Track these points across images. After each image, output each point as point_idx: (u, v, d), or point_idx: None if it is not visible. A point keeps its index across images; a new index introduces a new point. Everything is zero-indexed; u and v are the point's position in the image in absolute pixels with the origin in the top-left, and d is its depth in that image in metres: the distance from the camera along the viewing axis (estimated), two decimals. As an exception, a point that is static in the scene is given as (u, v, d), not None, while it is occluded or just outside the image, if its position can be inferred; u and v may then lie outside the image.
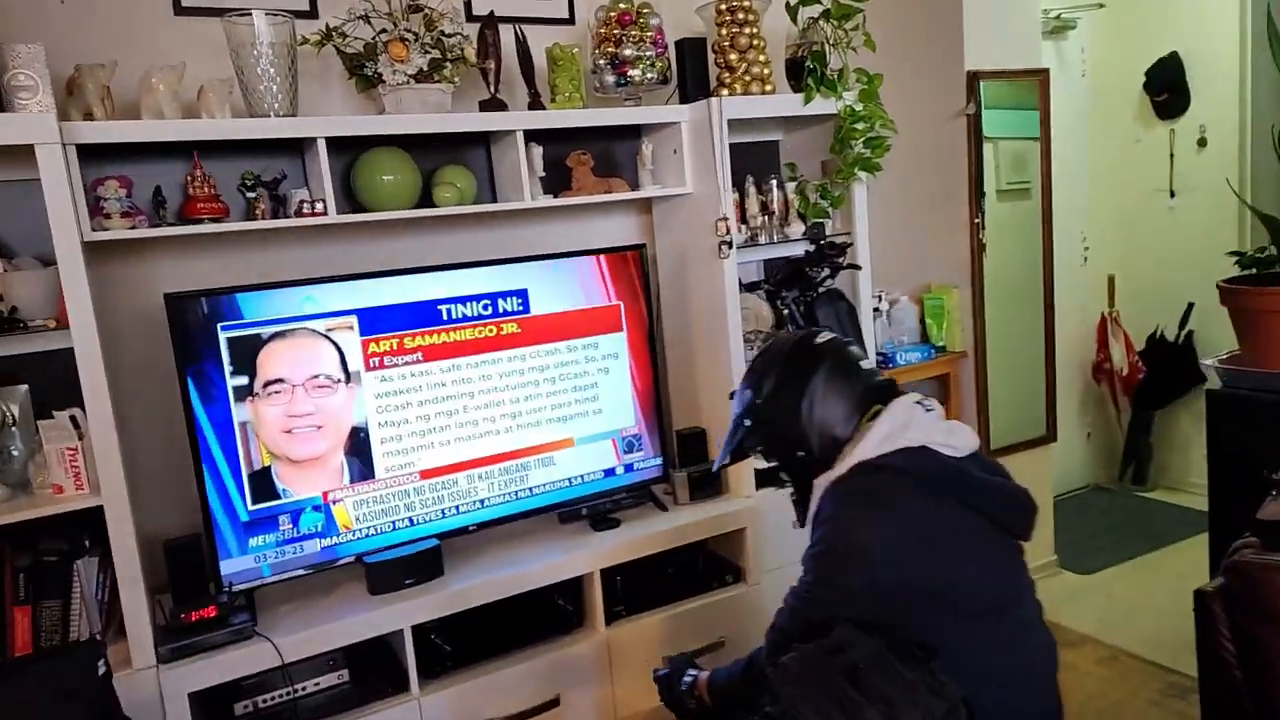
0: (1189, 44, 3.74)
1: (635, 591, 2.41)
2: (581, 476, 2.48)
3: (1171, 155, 3.88)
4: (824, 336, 1.53)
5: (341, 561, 2.18)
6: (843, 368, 1.48)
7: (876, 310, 2.89)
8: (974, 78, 2.90)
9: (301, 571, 2.13)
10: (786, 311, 2.40)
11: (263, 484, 2.07)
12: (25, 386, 1.95)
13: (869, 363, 1.52)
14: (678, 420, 2.74)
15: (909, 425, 1.41)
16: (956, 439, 1.42)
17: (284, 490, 2.10)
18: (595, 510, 2.47)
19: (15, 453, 1.91)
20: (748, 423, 1.54)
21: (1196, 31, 3.72)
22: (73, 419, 1.86)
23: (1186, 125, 3.81)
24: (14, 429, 1.92)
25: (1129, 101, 4.00)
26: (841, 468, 1.42)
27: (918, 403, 1.45)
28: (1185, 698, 2.42)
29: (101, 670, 1.53)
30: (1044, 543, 3.35)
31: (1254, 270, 2.08)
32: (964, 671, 1.26)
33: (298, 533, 2.12)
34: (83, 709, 1.48)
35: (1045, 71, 3.05)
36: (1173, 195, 3.90)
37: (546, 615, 2.33)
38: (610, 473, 2.52)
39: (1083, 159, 4.06)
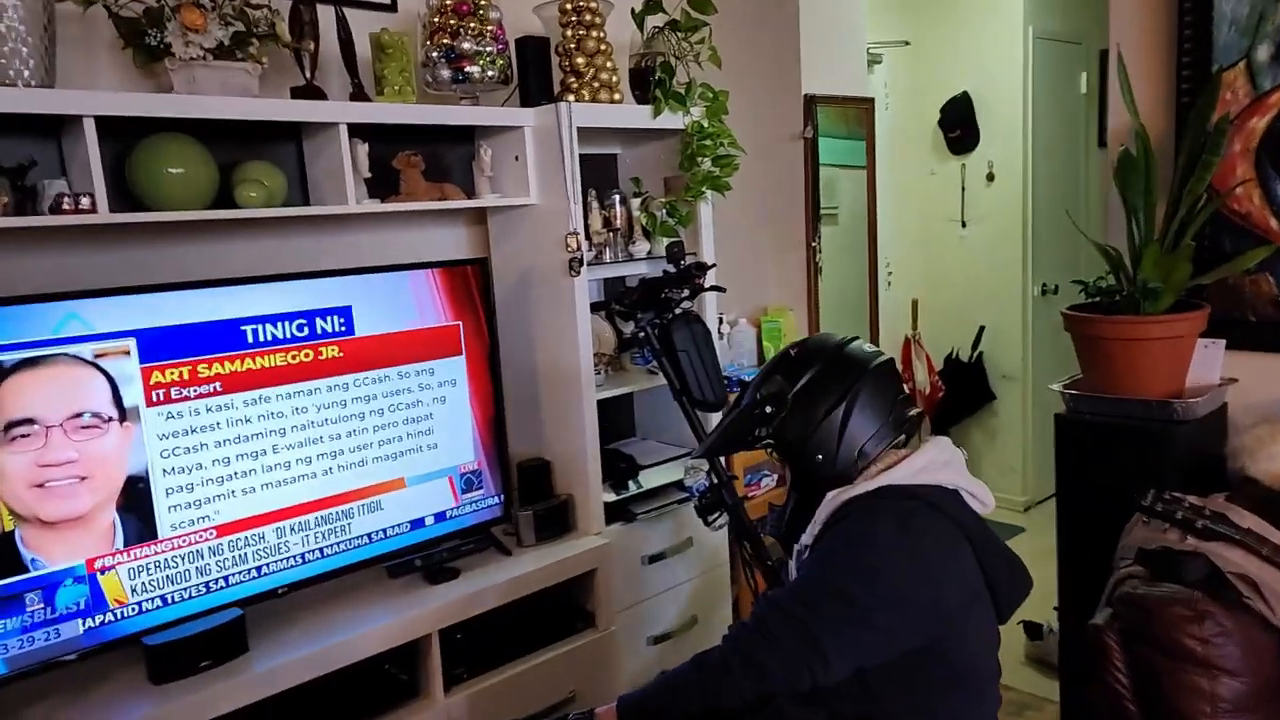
0: (979, 84, 4.06)
1: (476, 649, 2.15)
2: (414, 522, 2.18)
3: (963, 188, 4.19)
4: (870, 348, 1.45)
5: (112, 643, 1.74)
6: (887, 386, 1.40)
7: (719, 334, 2.83)
8: (810, 101, 2.93)
9: (55, 660, 1.68)
10: (642, 334, 2.25)
11: (3, 554, 1.61)
12: None
13: (904, 390, 1.45)
14: (518, 453, 2.51)
15: (949, 465, 1.36)
16: (986, 496, 1.39)
17: (33, 560, 1.65)
18: (430, 560, 2.18)
19: None
20: (769, 409, 1.40)
21: (985, 73, 4.04)
22: None
23: (976, 160, 4.14)
24: None
25: (925, 135, 4.28)
26: (865, 486, 1.33)
27: (957, 449, 1.41)
28: (1022, 714, 2.52)
29: None
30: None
31: (1098, 299, 2.20)
32: None
33: (52, 613, 1.67)
34: None
35: (871, 101, 3.15)
36: (964, 225, 4.22)
37: (374, 687, 2.01)
38: (445, 516, 2.24)
39: (885, 187, 4.29)
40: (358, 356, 2.05)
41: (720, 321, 2.86)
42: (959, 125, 4.12)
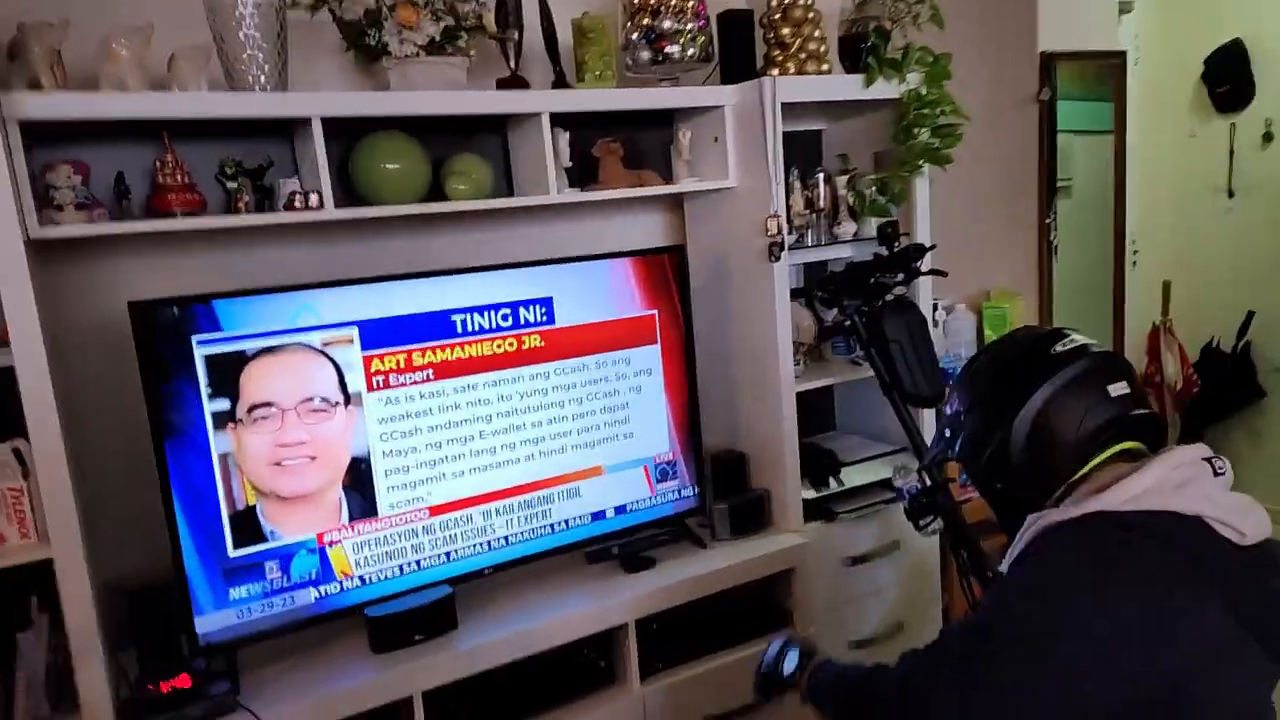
0: (1255, 29, 3.46)
1: (672, 641, 2.12)
2: (611, 510, 2.17)
3: (1231, 151, 3.60)
4: (1072, 341, 1.18)
5: (338, 613, 1.87)
6: (1084, 384, 1.13)
7: (934, 321, 2.60)
8: (1048, 59, 2.61)
9: (291, 627, 1.82)
10: (848, 323, 2.10)
11: (247, 525, 1.76)
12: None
13: (1123, 387, 1.15)
14: (712, 445, 2.44)
15: (1186, 486, 1.06)
16: (1247, 520, 1.05)
17: (272, 532, 1.79)
18: (627, 549, 2.17)
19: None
20: (948, 433, 1.24)
21: (1262, 16, 3.44)
22: (16, 453, 1.55)
23: (1250, 119, 3.54)
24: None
25: (1184, 92, 3.72)
26: (1071, 511, 1.08)
27: (1206, 459, 1.09)
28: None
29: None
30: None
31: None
32: None
33: (288, 581, 1.81)
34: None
35: (1121, 55, 2.76)
36: (1231, 195, 3.64)
37: (574, 671, 2.03)
38: (642, 505, 2.22)
39: (1131, 155, 3.79)
40: (558, 346, 2.06)
41: (935, 308, 2.63)
42: (1228, 79, 3.54)
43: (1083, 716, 0.99)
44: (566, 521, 2.12)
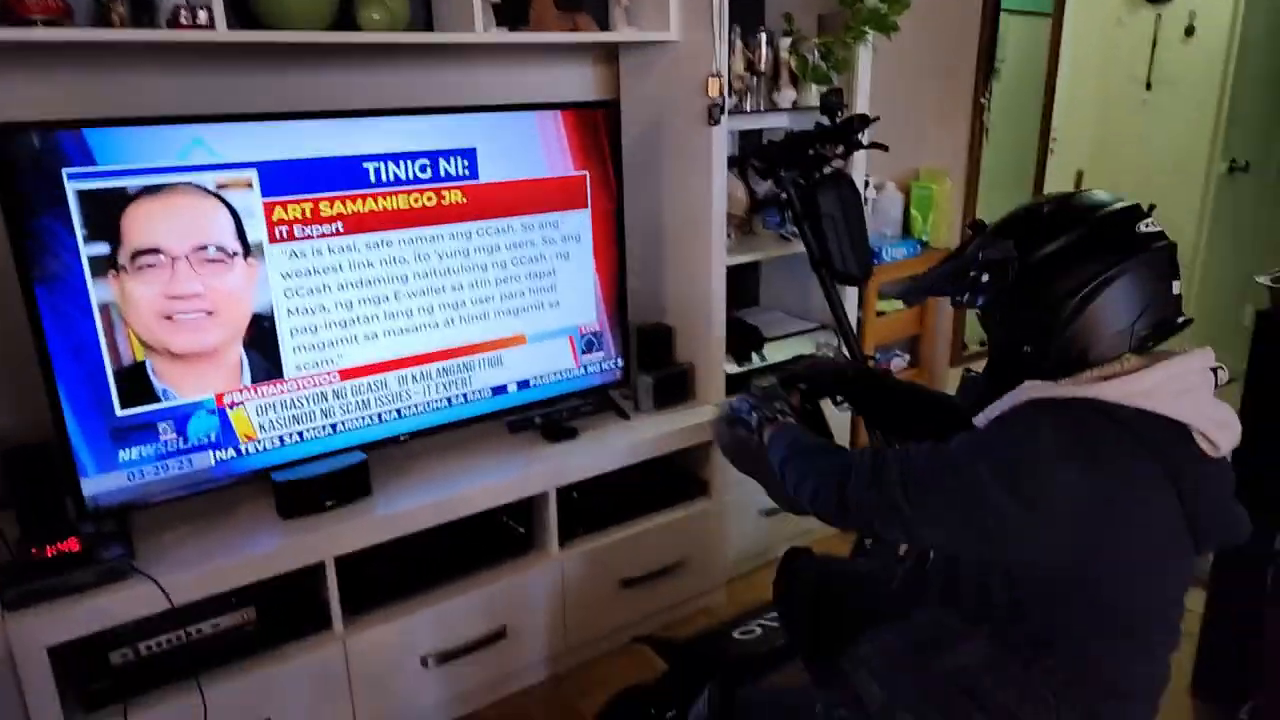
0: (1192, -84, 3.42)
1: (591, 508, 2.12)
2: (534, 379, 2.11)
3: (1154, 42, 3.63)
4: (1153, 224, 1.09)
5: (242, 479, 1.77)
6: (1157, 275, 1.06)
7: (864, 199, 2.57)
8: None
9: (190, 491, 1.71)
10: (784, 195, 2.04)
11: (135, 383, 1.62)
12: None
13: (1179, 287, 1.10)
14: (637, 317, 2.38)
15: (1184, 395, 1.05)
16: (1224, 435, 1.07)
17: (165, 391, 1.65)
18: (549, 419, 2.12)
19: None
20: (985, 279, 1.12)
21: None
22: None
23: (1175, 10, 3.55)
24: None
25: (1116, -21, 3.69)
26: (1073, 390, 1.06)
27: (1213, 369, 1.09)
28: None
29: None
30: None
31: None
32: (1088, 683, 1.02)
33: (184, 443, 1.69)
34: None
35: (1071, -70, 2.68)
36: (1149, 87, 3.68)
37: (493, 537, 2.01)
38: (566, 375, 2.16)
39: (1066, 40, 3.76)
40: (481, 203, 1.93)
41: (866, 185, 2.59)
42: (1159, -34, 3.53)
43: (1026, 569, 1.03)
44: (488, 390, 2.05)
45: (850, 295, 2.44)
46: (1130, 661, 1.07)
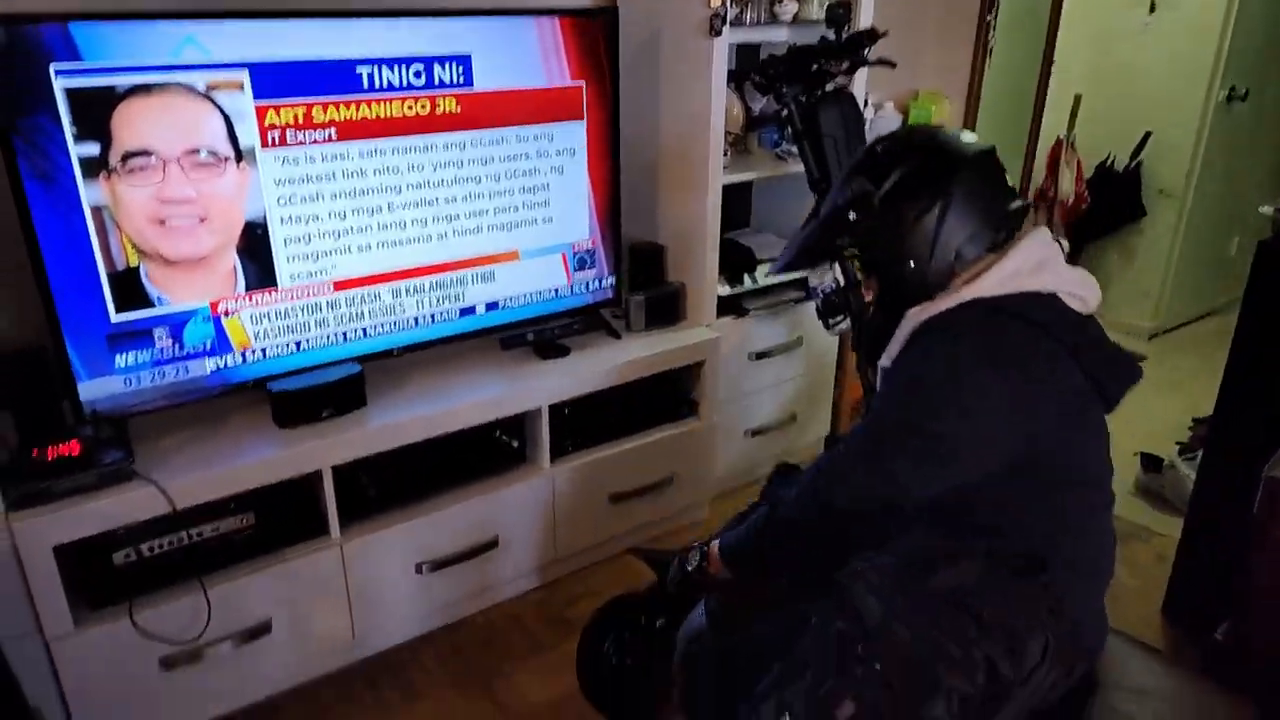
0: None
1: (581, 425, 2.15)
2: (527, 296, 2.11)
3: (1160, -37, 3.54)
4: (970, 138, 1.25)
5: (238, 387, 1.78)
6: (989, 183, 1.21)
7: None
8: None
9: (187, 398, 1.72)
10: (784, 112, 2.01)
11: (130, 288, 1.61)
12: None
13: (1007, 183, 1.25)
14: (630, 236, 2.37)
15: (1043, 267, 1.18)
16: (1087, 291, 1.21)
17: (159, 298, 1.64)
18: (542, 336, 2.13)
19: None
20: (853, 216, 1.23)
21: None
22: None
23: (1185, -69, 3.46)
24: None
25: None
26: (948, 302, 1.18)
27: (1055, 239, 1.23)
28: (1126, 543, 2.45)
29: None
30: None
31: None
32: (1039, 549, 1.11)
33: (180, 350, 1.69)
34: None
35: None
36: (1152, 9, 3.61)
37: (485, 451, 2.04)
38: (558, 293, 2.16)
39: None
40: (476, 112, 1.89)
41: (865, 105, 2.56)
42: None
43: (994, 463, 1.12)
44: (481, 306, 2.05)
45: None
46: (1073, 533, 1.16)
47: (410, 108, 1.81)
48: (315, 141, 1.71)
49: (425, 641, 2.01)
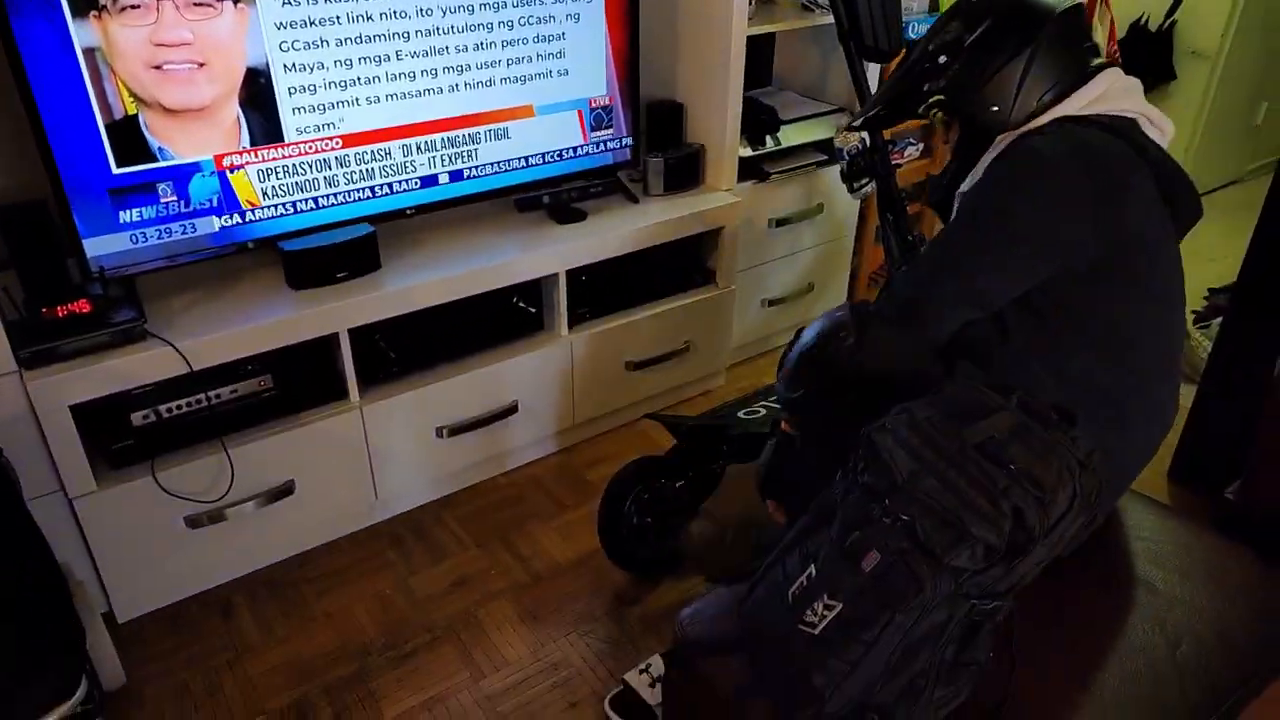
0: None
1: (598, 292, 2.11)
2: (542, 156, 2.02)
3: None
4: None
5: (247, 245, 1.72)
6: (1074, 38, 1.27)
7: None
8: None
9: (195, 256, 1.67)
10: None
11: (129, 139, 1.52)
12: None
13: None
14: (647, 94, 2.25)
15: (1127, 93, 1.27)
16: (1165, 124, 1.30)
17: (161, 150, 1.56)
18: (558, 199, 2.06)
19: None
20: (943, 59, 1.30)
21: None
22: None
23: None
24: None
25: None
26: (1038, 121, 1.26)
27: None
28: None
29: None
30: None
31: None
32: (1114, 345, 1.23)
33: (186, 207, 1.63)
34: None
35: None
36: None
37: (503, 316, 2.01)
38: (576, 153, 2.07)
39: None
40: (487, -49, 1.76)
41: (899, -49, 2.39)
42: None
43: (1065, 259, 1.20)
44: (495, 165, 1.96)
45: (872, 74, 2.32)
46: (1147, 332, 1.26)
47: (417, -57, 1.67)
48: (317, -20, 1.59)
49: (447, 504, 2.03)
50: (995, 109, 1.27)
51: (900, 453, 0.97)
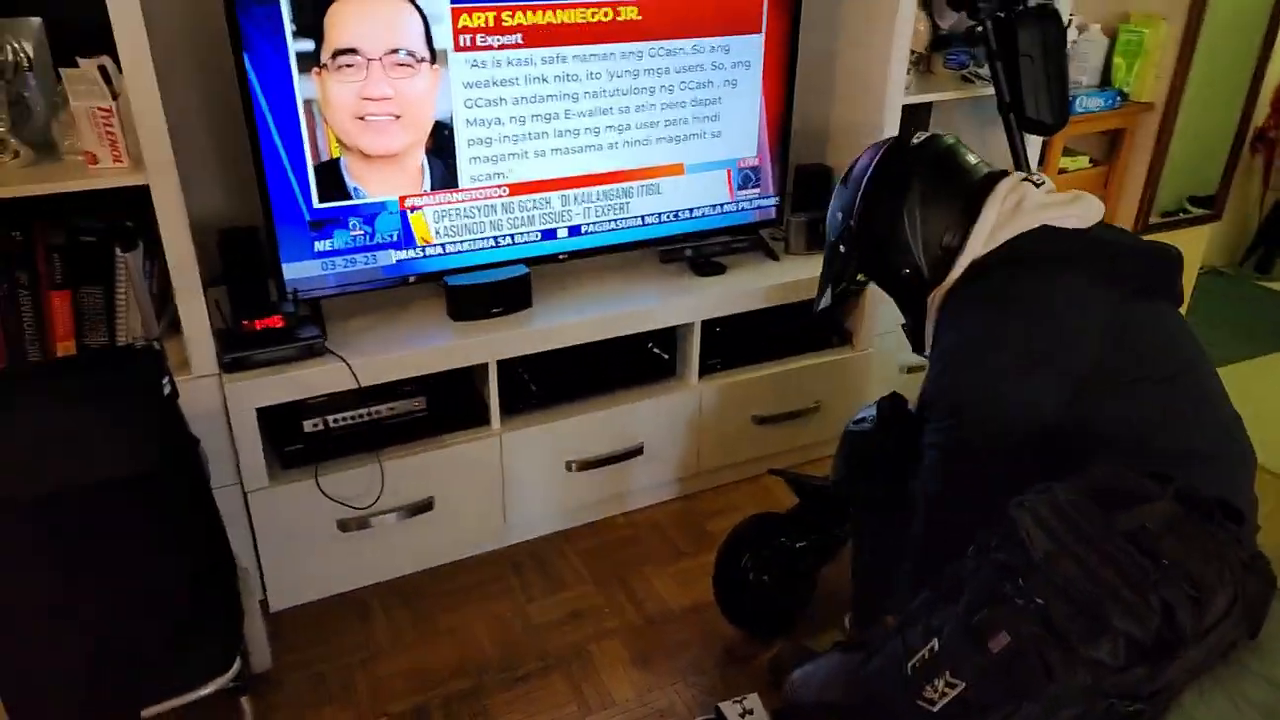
0: None
1: (732, 344, 2.16)
2: (689, 211, 2.12)
3: None
4: (919, 137, 1.36)
5: (418, 278, 1.90)
6: (943, 169, 1.31)
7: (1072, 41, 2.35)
8: None
9: (373, 285, 1.86)
10: (979, 29, 1.89)
11: (331, 178, 1.73)
12: (39, 20, 1.54)
13: (975, 156, 1.36)
14: (796, 155, 2.32)
15: (1019, 208, 1.25)
16: (1079, 207, 1.25)
17: (355, 189, 1.76)
18: (700, 252, 2.15)
19: (35, 107, 1.54)
20: (843, 249, 1.40)
21: None
22: (102, 70, 1.47)
23: None
24: (29, 74, 1.53)
25: None
26: (951, 277, 1.28)
27: (1024, 180, 1.28)
28: None
29: (167, 390, 1.29)
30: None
31: None
32: (1160, 444, 1.12)
33: (370, 240, 1.82)
34: (140, 431, 1.27)
35: None
36: None
37: (638, 360, 2.10)
38: (720, 209, 2.16)
39: None
40: (654, 21, 1.89)
41: (1068, 25, 2.36)
42: None
43: (1063, 391, 1.15)
44: (644, 218, 2.08)
45: (1033, 146, 2.29)
46: (1191, 421, 1.17)
47: (593, 14, 1.82)
48: (503, 46, 1.76)
49: (568, 537, 2.12)
50: (907, 272, 1.31)
51: (1039, 533, 0.94)
